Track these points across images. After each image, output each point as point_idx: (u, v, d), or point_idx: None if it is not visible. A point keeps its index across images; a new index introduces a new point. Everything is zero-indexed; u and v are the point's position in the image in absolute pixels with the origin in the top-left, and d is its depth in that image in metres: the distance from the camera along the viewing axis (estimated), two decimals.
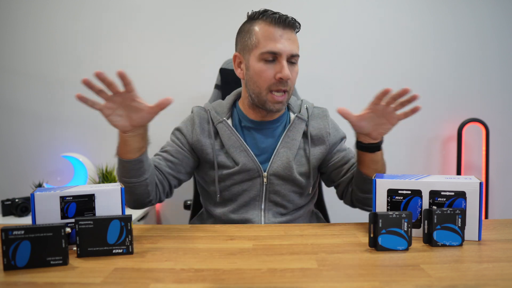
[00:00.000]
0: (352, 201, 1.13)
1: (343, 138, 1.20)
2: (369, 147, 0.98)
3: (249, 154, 1.09)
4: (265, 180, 1.10)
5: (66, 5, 1.94)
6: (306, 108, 1.17)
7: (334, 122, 1.21)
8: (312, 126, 1.15)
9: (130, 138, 0.93)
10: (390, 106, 0.91)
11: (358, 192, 1.07)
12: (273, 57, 1.03)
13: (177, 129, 1.17)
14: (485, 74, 1.96)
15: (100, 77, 0.83)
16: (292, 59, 1.05)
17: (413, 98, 0.89)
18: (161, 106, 0.90)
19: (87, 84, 0.83)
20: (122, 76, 0.85)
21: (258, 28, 1.05)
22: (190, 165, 1.14)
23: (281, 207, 1.12)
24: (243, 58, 1.09)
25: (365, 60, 1.96)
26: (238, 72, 1.12)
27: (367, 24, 1.96)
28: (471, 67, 1.96)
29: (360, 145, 1.00)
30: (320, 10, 1.95)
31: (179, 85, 1.97)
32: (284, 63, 1.02)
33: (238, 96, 1.19)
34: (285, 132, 1.12)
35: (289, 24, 1.04)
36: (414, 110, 0.90)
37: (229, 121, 1.13)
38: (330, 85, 1.97)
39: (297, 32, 1.09)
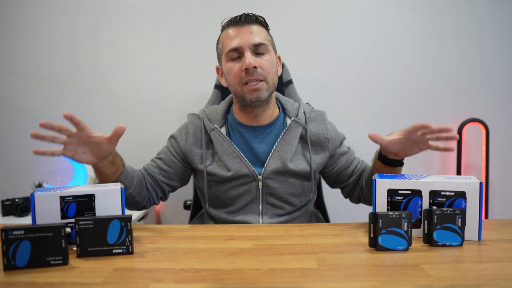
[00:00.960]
0: (360, 200, 1.18)
1: (343, 139, 1.21)
2: (393, 162, 1.00)
3: (242, 160, 1.09)
4: (260, 183, 1.10)
5: (65, 5, 1.94)
6: (304, 112, 1.16)
7: (332, 124, 1.21)
8: (310, 130, 1.14)
9: (100, 167, 0.97)
10: (425, 136, 0.91)
11: (370, 194, 1.08)
12: (238, 54, 1.06)
13: (172, 137, 1.19)
14: (485, 74, 1.96)
15: (46, 126, 0.85)
16: (259, 50, 1.06)
17: (453, 138, 0.89)
18: (117, 134, 0.90)
19: (37, 137, 0.85)
20: (70, 118, 0.87)
21: (222, 35, 1.11)
22: (183, 173, 1.18)
23: (278, 208, 1.12)
24: (221, 68, 1.14)
25: (365, 60, 1.96)
26: (223, 82, 1.16)
27: (367, 23, 1.95)
28: (471, 67, 1.96)
29: (384, 160, 1.01)
30: (319, 9, 1.95)
31: (179, 85, 1.97)
32: (247, 54, 1.04)
33: (232, 102, 1.20)
34: (281, 136, 1.11)
35: (245, 20, 1.07)
36: (448, 150, 0.90)
37: (223, 129, 1.14)
38: (329, 85, 1.97)
39: (266, 27, 1.12)
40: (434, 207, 0.78)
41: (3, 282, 0.61)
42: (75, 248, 0.72)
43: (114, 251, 0.73)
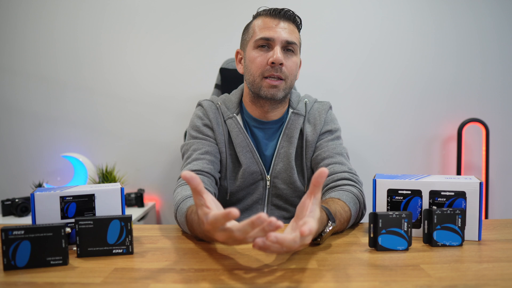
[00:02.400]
0: None
1: (329, 131, 1.11)
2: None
3: (254, 156, 1.07)
4: (268, 183, 1.08)
5: (66, 5, 1.94)
6: (305, 103, 1.12)
7: (332, 116, 1.14)
8: (307, 129, 1.09)
9: None
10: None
11: None
12: (267, 44, 1.02)
13: (204, 125, 1.09)
14: (485, 74, 1.96)
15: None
16: (289, 47, 1.03)
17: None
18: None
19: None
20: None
21: (256, 22, 1.06)
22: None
23: (283, 210, 1.10)
24: (243, 53, 1.10)
25: (365, 60, 1.96)
26: (239, 68, 1.12)
27: (367, 23, 1.96)
28: (471, 67, 1.96)
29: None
30: (320, 9, 1.95)
31: (179, 85, 1.97)
32: (277, 48, 1.00)
33: (243, 93, 1.16)
34: (283, 130, 1.09)
35: (285, 15, 1.03)
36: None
37: (239, 117, 1.10)
38: (330, 86, 1.97)
39: (299, 28, 1.09)
40: (434, 207, 0.78)
41: (3, 282, 0.61)
42: (75, 248, 0.72)
43: (114, 251, 0.73)
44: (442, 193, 0.80)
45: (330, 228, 0.77)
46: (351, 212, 0.87)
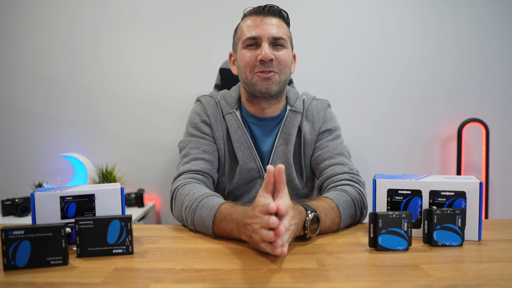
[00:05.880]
0: None
1: (328, 130, 1.10)
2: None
3: (252, 153, 1.07)
4: None
5: (66, 5, 1.94)
6: (303, 101, 1.12)
7: (331, 114, 1.13)
8: (305, 127, 1.09)
9: None
10: None
11: None
12: (254, 43, 1.03)
13: (202, 122, 1.09)
14: (485, 74, 1.96)
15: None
16: (277, 42, 1.03)
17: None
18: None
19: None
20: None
21: (243, 23, 1.07)
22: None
23: None
24: (235, 55, 1.11)
25: (365, 60, 1.96)
26: (233, 70, 1.12)
27: (367, 23, 1.95)
28: (471, 67, 1.96)
29: None
30: (320, 9, 1.95)
31: (179, 85, 1.97)
32: (264, 45, 1.01)
33: None
34: (280, 128, 1.09)
35: (269, 10, 1.04)
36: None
37: (238, 113, 1.10)
38: (330, 85, 1.97)
39: (287, 22, 1.08)
40: (434, 207, 0.78)
41: (3, 282, 0.61)
42: (75, 248, 0.72)
43: (114, 251, 0.73)
44: (442, 193, 0.80)
45: (311, 216, 0.77)
46: (339, 209, 0.87)
